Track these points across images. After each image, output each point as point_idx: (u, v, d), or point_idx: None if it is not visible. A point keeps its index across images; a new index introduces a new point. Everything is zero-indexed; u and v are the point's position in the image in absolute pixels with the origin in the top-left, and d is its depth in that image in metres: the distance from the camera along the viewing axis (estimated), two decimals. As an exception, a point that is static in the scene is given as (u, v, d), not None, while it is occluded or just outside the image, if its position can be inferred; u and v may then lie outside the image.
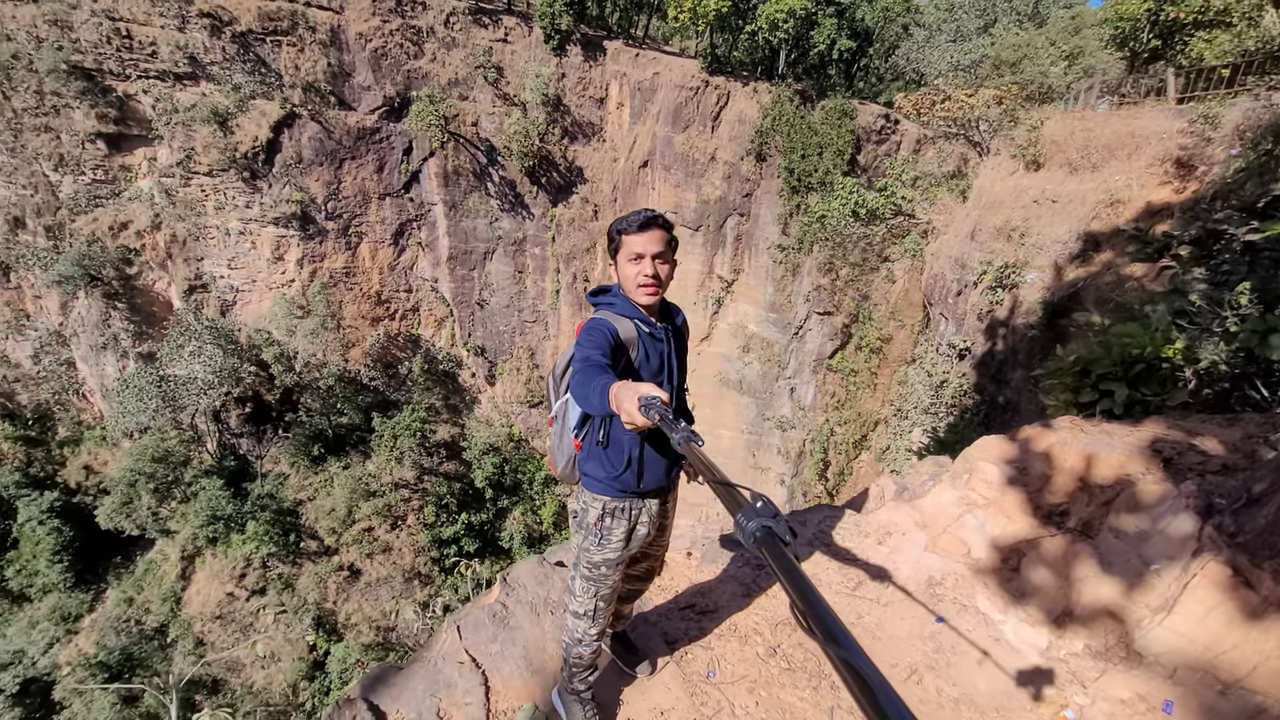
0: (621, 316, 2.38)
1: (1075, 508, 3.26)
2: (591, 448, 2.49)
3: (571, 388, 2.08)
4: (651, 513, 2.61)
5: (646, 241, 2.34)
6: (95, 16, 23.10)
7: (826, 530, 4.11)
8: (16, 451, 26.77)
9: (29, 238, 25.05)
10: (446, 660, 2.99)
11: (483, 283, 27.76)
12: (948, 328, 13.75)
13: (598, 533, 2.53)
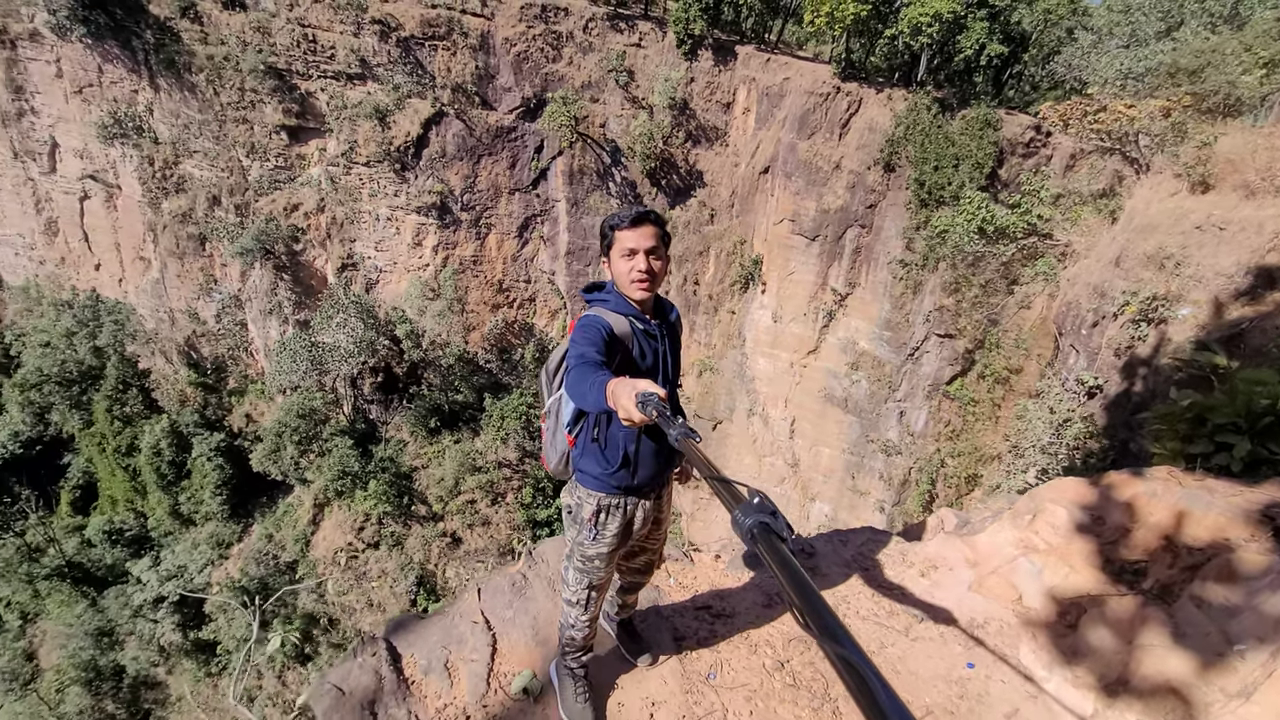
0: (615, 313, 2.35)
1: (1154, 568, 2.91)
2: (586, 444, 2.47)
3: (567, 384, 2.06)
4: (646, 508, 2.60)
5: (640, 237, 2.31)
6: (290, 23, 26.43)
7: (868, 554, 3.90)
8: (196, 395, 31.26)
9: (223, 214, 29.13)
10: (463, 618, 3.22)
11: (596, 278, 28.69)
12: (1077, 361, 12.43)
13: (592, 528, 2.52)
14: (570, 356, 2.13)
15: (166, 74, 27.20)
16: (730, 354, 26.74)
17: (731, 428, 27.49)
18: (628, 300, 2.40)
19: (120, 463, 29.87)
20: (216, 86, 27.21)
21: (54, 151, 29.82)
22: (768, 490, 25.21)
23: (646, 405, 1.58)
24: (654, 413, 1.57)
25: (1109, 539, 3.14)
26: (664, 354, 2.50)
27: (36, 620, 28.40)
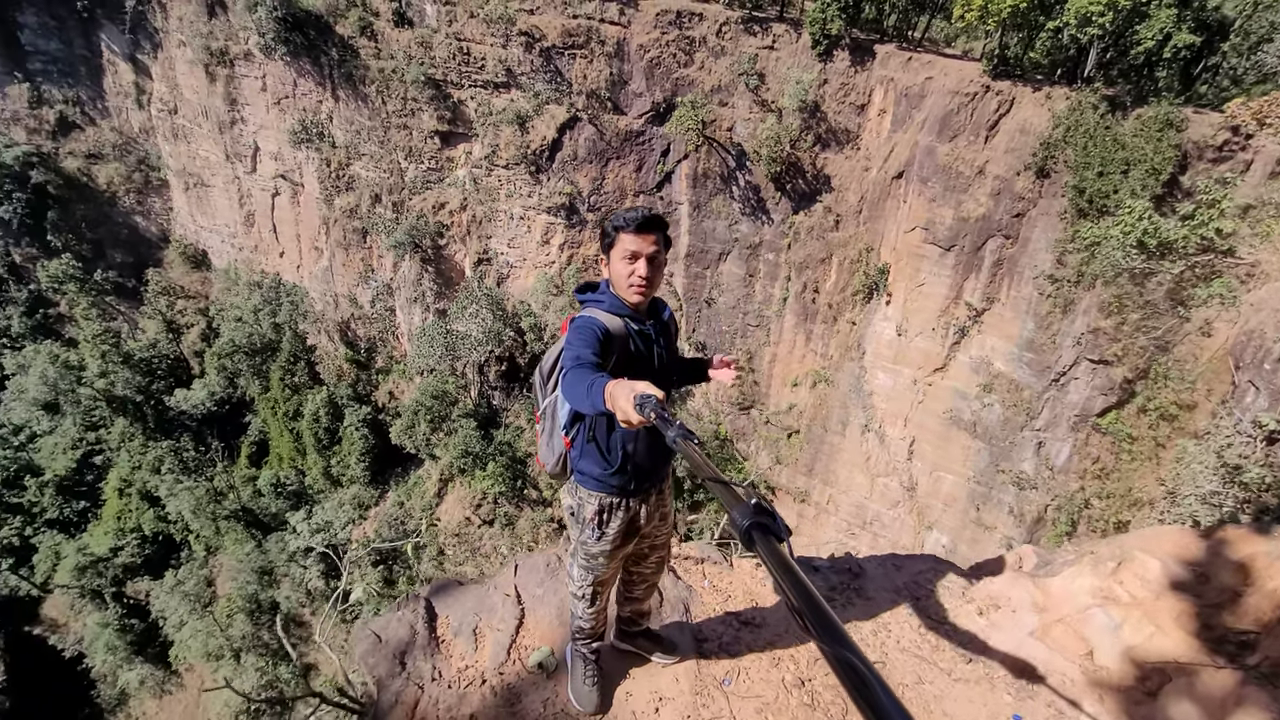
0: (610, 314, 2.33)
1: (1266, 642, 2.49)
2: (584, 446, 2.45)
3: (563, 386, 2.03)
4: (649, 504, 2.60)
5: (643, 241, 2.29)
6: (448, 38, 28.94)
7: (923, 583, 3.62)
8: (350, 371, 35.14)
9: (382, 210, 32.51)
10: (498, 589, 3.43)
11: (713, 282, 28.69)
12: (1256, 400, 10.58)
13: (595, 528, 2.52)
14: (566, 358, 2.11)
15: (345, 86, 30.83)
16: (847, 366, 25.63)
17: (844, 443, 26.34)
18: (623, 301, 2.38)
19: (287, 425, 34.28)
20: (384, 96, 30.40)
21: (255, 154, 34.83)
22: (880, 513, 23.87)
23: (644, 407, 1.59)
24: (652, 414, 1.57)
25: (1211, 601, 2.74)
26: (658, 354, 2.49)
27: (216, 553, 33.36)
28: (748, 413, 29.89)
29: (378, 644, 3.17)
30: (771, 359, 28.62)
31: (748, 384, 29.37)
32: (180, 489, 32.51)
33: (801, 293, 26.87)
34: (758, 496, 1.26)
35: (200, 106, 34.88)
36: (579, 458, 2.50)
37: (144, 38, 35.33)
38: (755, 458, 29.94)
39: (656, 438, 2.31)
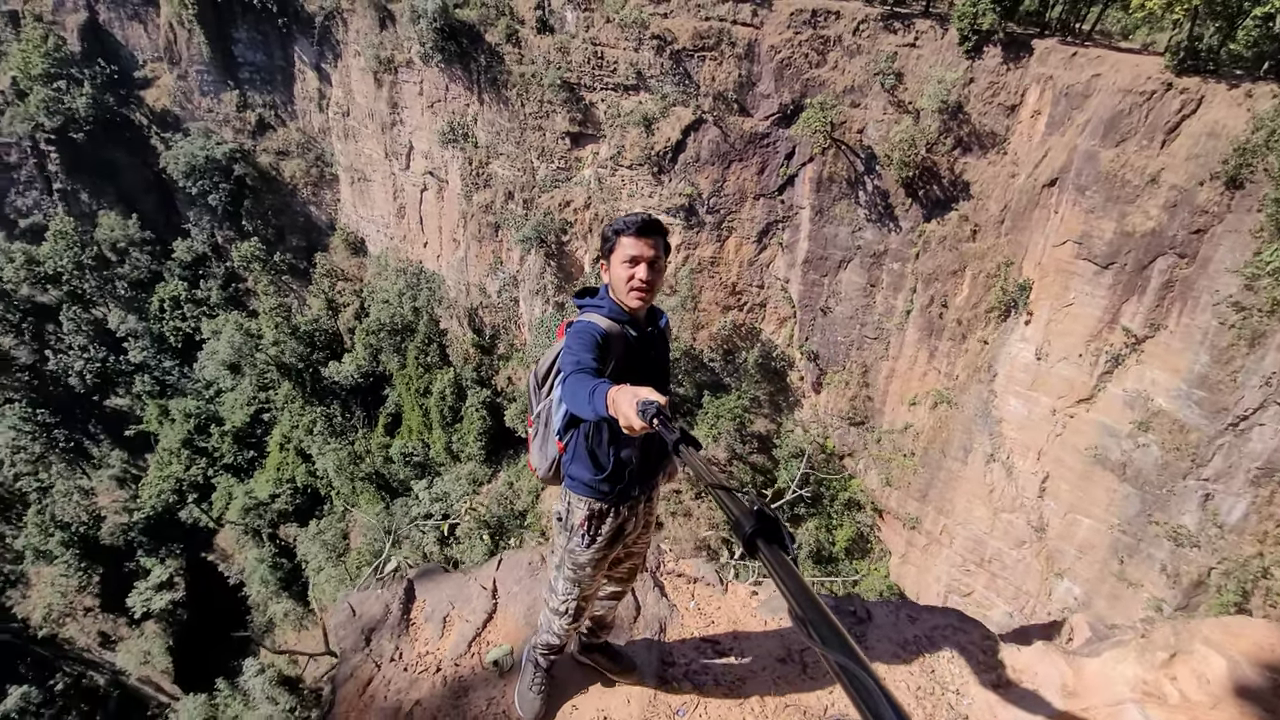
0: (609, 319, 2.29)
1: None
2: (578, 451, 2.42)
3: (564, 391, 2.02)
4: (637, 511, 2.55)
5: (644, 246, 2.25)
6: (584, 43, 30.14)
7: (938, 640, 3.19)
8: (475, 355, 37.72)
9: (514, 207, 34.55)
10: (476, 581, 3.45)
11: (831, 290, 27.60)
12: None
13: (584, 535, 2.48)
14: (565, 363, 2.10)
15: (490, 90, 33.08)
16: (975, 389, 23.63)
17: (965, 471, 24.34)
18: (622, 307, 2.35)
19: (418, 401, 37.47)
20: (523, 99, 32.26)
21: (410, 153, 38.32)
22: (1001, 552, 21.85)
23: (647, 413, 1.58)
24: (655, 421, 1.57)
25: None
26: (655, 361, 2.48)
27: (351, 510, 37.23)
28: (858, 428, 28.49)
29: (351, 617, 3.33)
30: (889, 375, 27.06)
31: (860, 399, 27.98)
32: (327, 449, 36.64)
33: (928, 306, 25.14)
34: (761, 504, 1.25)
35: (367, 109, 38.95)
36: (570, 462, 2.47)
37: (328, 49, 40.05)
38: (863, 476, 28.49)
39: (650, 445, 2.36)
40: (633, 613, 3.46)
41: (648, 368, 2.46)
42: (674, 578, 3.82)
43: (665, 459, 2.58)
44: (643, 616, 3.46)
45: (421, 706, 2.97)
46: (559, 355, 2.45)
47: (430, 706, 2.97)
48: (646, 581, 3.63)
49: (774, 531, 1.18)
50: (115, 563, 38.54)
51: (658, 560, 3.84)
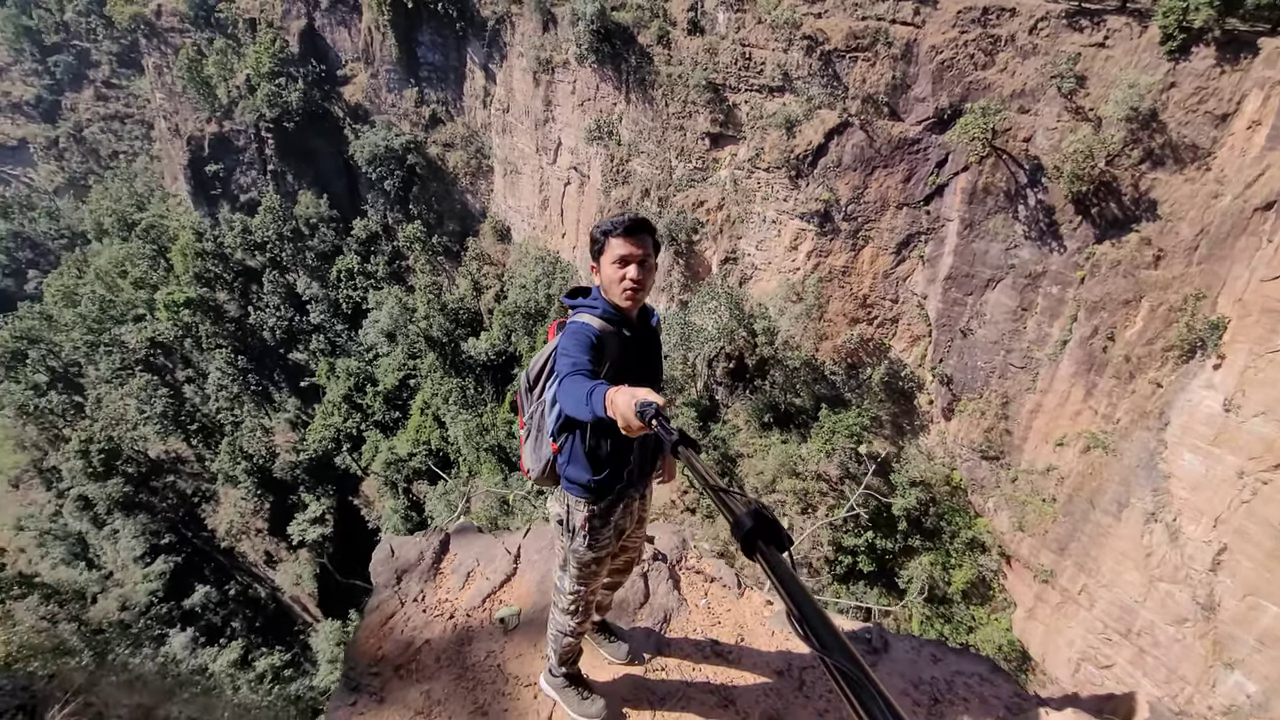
0: (602, 320, 2.29)
1: None
2: (574, 452, 2.42)
3: (560, 393, 2.01)
4: (632, 509, 2.58)
5: (634, 245, 2.26)
6: (734, 44, 30.10)
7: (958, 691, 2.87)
8: (598, 345, 39.20)
9: (649, 204, 35.36)
10: (503, 545, 3.62)
11: (975, 310, 25.45)
12: None
13: (586, 535, 2.49)
14: (560, 364, 2.10)
15: (637, 90, 34.08)
16: (1139, 436, 20.73)
17: (1116, 528, 21.47)
18: (614, 307, 2.36)
19: (542, 382, 39.66)
20: (668, 99, 32.88)
21: (557, 149, 40.48)
22: (1153, 625, 19.23)
23: (645, 414, 1.60)
24: (654, 422, 1.59)
25: None
26: (648, 360, 2.49)
27: (474, 477, 40.24)
28: (991, 463, 26.06)
29: (389, 556, 3.71)
30: (1034, 409, 24.47)
31: (997, 431, 25.56)
32: (459, 419, 39.89)
33: (1090, 338, 22.41)
34: (759, 505, 1.25)
35: (524, 107, 41.66)
36: (567, 464, 2.49)
37: (495, 50, 43.32)
38: (992, 516, 26.05)
39: (645, 443, 2.39)
40: (640, 598, 3.53)
41: (642, 367, 2.47)
42: (691, 573, 3.84)
43: (659, 455, 2.60)
44: (650, 605, 3.52)
45: (430, 645, 3.27)
46: (550, 357, 2.45)
47: (437, 647, 3.26)
48: (662, 571, 3.69)
49: (772, 533, 1.18)
50: (282, 494, 44.75)
51: (680, 553, 3.89)
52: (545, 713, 2.90)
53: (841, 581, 27.67)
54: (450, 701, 2.94)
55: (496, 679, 3.07)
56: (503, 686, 3.04)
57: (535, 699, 2.99)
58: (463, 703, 2.95)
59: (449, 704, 2.93)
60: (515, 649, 3.25)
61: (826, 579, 27.50)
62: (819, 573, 27.86)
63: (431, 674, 3.11)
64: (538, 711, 2.91)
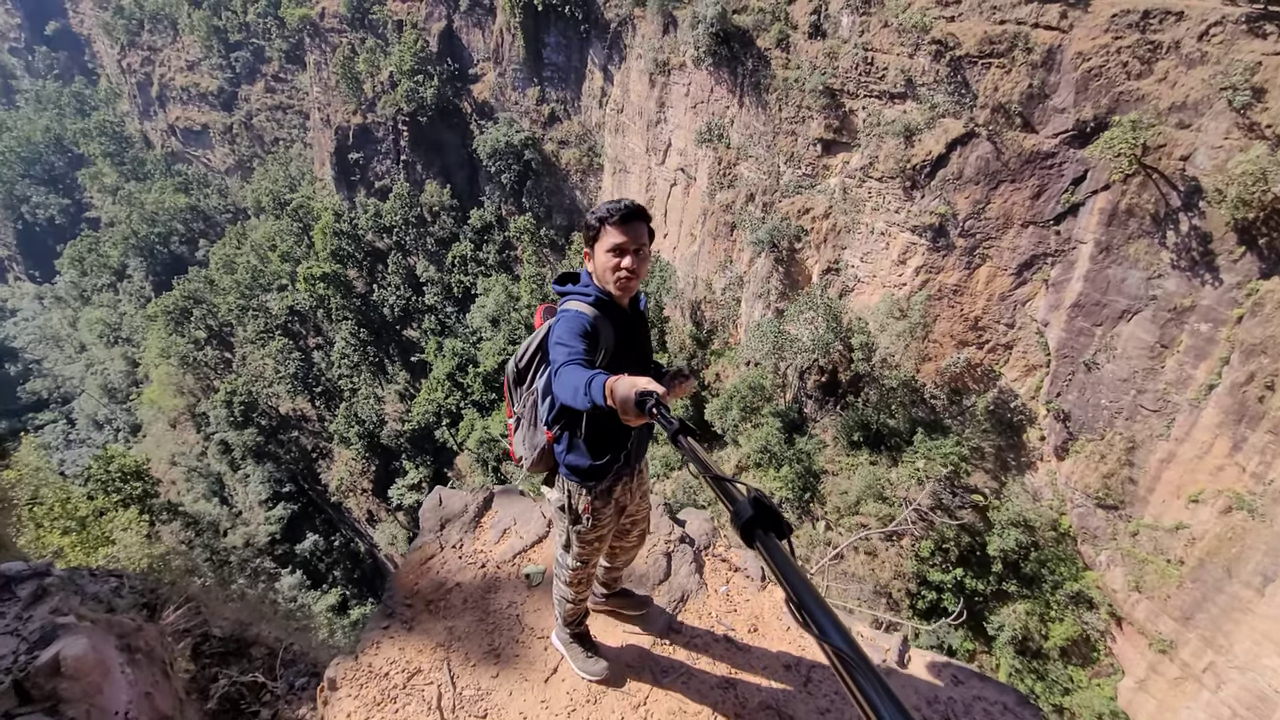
0: (595, 307, 2.27)
1: None
2: (574, 440, 2.43)
3: (557, 382, 2.00)
4: (631, 484, 2.61)
5: (630, 234, 2.23)
6: (855, 48, 29.13)
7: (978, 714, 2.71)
8: (690, 346, 39.23)
9: (752, 209, 35.00)
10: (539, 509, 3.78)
11: (1104, 343, 23.16)
12: None
13: (589, 518, 2.53)
14: (556, 353, 2.09)
15: (751, 94, 33.80)
16: (1296, 502, 18.08)
17: (1257, 603, 18.84)
18: (606, 294, 2.35)
19: (631, 378, 40.32)
20: (781, 104, 32.37)
21: (667, 150, 40.93)
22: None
23: (645, 404, 1.61)
24: (655, 411, 1.59)
25: None
26: (640, 345, 2.51)
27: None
28: (1109, 512, 23.64)
29: (438, 505, 4.03)
30: (1165, 458, 21.93)
31: (1119, 479, 23.14)
32: (550, 405, 41.42)
33: (1244, 384, 19.78)
34: (758, 493, 1.25)
35: (638, 108, 42.44)
36: (566, 452, 2.50)
37: (615, 52, 44.44)
38: (1103, 571, 23.65)
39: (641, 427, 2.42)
40: (661, 575, 3.61)
41: (635, 353, 2.49)
42: (717, 560, 3.88)
43: (650, 435, 2.66)
44: (669, 583, 3.58)
45: (460, 588, 3.58)
46: (540, 345, 2.49)
47: (466, 591, 3.56)
48: (687, 554, 3.76)
49: (771, 521, 1.20)
50: (386, 459, 48.41)
51: (709, 540, 3.94)
52: (553, 664, 3.09)
53: (923, 617, 26.12)
54: (469, 639, 3.22)
55: (514, 627, 3.30)
56: (518, 634, 3.26)
57: (545, 650, 3.18)
58: (479, 642, 3.21)
59: (467, 641, 3.21)
60: (535, 603, 3.46)
61: (907, 613, 26.08)
62: (899, 605, 26.48)
63: (457, 613, 3.41)
64: (546, 662, 3.10)
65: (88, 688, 2.70)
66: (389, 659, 3.12)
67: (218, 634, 4.29)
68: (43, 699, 2.57)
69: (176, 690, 3.24)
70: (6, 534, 6.13)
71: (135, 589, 4.14)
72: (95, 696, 2.71)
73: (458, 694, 2.97)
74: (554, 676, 3.06)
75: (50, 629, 2.83)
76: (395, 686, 3.00)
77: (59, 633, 2.80)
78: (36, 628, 2.80)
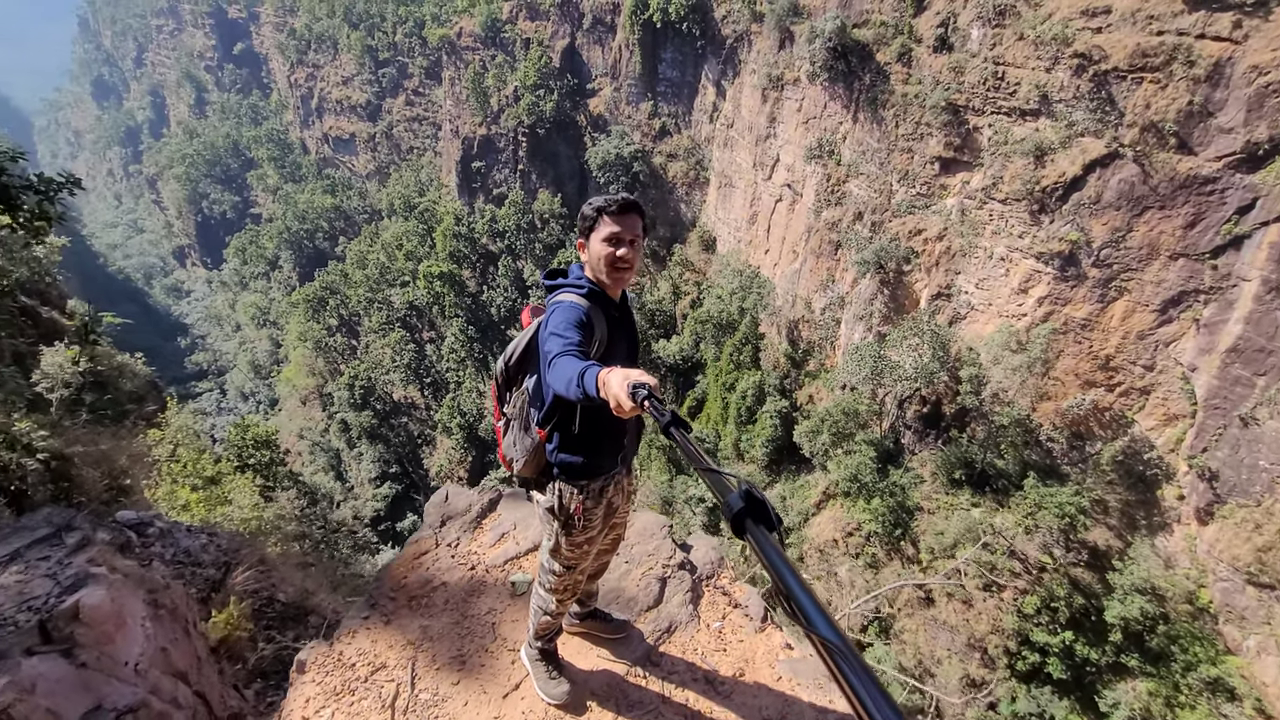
0: (587, 299, 2.24)
1: None
2: (567, 439, 2.38)
3: (552, 374, 1.97)
4: (622, 484, 2.56)
5: (627, 225, 2.21)
6: (985, 62, 27.44)
7: None
8: (784, 365, 38.31)
9: (860, 228, 33.75)
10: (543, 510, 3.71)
11: (1265, 396, 20.17)
12: None
13: (581, 518, 2.46)
14: (550, 345, 2.08)
15: (866, 109, 32.70)
16: None
17: None
18: (599, 286, 2.33)
19: (721, 394, 39.89)
20: (899, 120, 31.07)
21: (774, 165, 40.42)
22: None
23: (638, 395, 1.60)
24: (647, 403, 1.58)
25: None
26: (630, 337, 2.47)
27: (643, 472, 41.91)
28: (1263, 592, 20.46)
29: (444, 501, 4.07)
30: (1341, 536, 18.71)
31: (1278, 552, 19.99)
32: (638, 413, 41.82)
33: None
34: (749, 485, 1.25)
35: (748, 123, 42.27)
36: (558, 451, 2.46)
37: (729, 67, 44.58)
38: (1250, 659, 20.51)
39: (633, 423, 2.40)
40: (651, 600, 3.37)
41: (626, 345, 2.48)
42: (717, 593, 3.58)
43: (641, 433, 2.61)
44: (659, 610, 3.34)
45: (445, 588, 3.55)
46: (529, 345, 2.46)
47: (450, 591, 3.53)
48: (684, 581, 3.50)
49: (762, 513, 1.20)
50: (482, 451, 50.90)
51: (713, 570, 3.68)
52: (516, 679, 2.99)
53: (1022, 680, 23.82)
54: (440, 641, 3.18)
55: (486, 635, 3.24)
56: (488, 643, 3.19)
57: (512, 664, 3.09)
58: (449, 646, 3.16)
59: (438, 643, 3.17)
60: (514, 614, 3.37)
61: (1003, 672, 23.88)
62: (994, 663, 24.31)
63: (436, 613, 3.37)
64: (510, 676, 3.01)
65: (100, 636, 2.89)
66: (359, 650, 3.14)
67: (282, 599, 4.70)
68: (61, 641, 2.76)
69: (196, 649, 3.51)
70: (139, 484, 7.09)
71: (220, 547, 4.66)
72: (106, 645, 2.89)
73: (414, 695, 2.93)
74: (514, 693, 2.94)
75: (81, 577, 3.04)
76: (358, 679, 3.00)
77: (87, 581, 3.01)
78: (71, 574, 3.02)
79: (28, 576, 2.98)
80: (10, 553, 3.09)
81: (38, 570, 3.02)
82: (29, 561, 3.05)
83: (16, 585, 2.93)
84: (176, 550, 4.54)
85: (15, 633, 2.69)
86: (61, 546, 3.18)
